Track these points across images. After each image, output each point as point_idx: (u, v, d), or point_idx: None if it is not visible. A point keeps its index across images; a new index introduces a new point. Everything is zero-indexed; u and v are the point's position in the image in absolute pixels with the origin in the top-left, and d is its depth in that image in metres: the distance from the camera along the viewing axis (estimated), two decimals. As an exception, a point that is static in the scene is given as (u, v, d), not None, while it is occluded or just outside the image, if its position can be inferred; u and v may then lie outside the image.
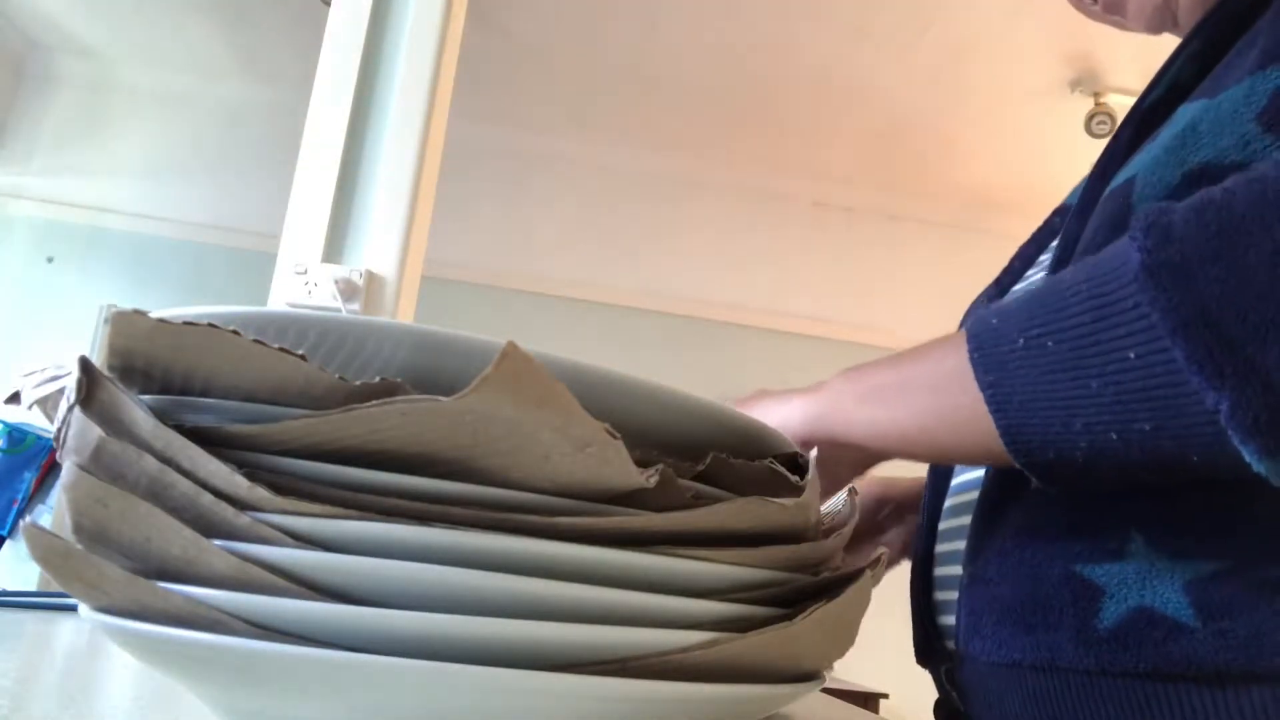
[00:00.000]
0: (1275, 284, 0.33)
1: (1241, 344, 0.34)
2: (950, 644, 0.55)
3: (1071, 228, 0.53)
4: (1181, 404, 0.35)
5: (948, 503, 0.58)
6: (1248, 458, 0.35)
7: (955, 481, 0.59)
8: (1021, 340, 0.39)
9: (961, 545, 0.54)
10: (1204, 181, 0.43)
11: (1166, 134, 0.47)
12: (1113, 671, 0.43)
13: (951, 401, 0.43)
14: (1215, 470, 0.37)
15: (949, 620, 0.55)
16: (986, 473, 0.52)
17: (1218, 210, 0.35)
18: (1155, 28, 0.61)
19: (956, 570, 0.54)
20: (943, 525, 0.58)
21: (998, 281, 0.65)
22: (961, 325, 0.65)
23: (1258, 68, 0.44)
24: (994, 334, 0.41)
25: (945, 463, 0.58)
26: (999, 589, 0.48)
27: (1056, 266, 0.52)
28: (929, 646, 0.58)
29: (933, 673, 0.58)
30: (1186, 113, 0.47)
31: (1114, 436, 0.38)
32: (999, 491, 0.51)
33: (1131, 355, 0.36)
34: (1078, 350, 0.37)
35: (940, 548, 0.58)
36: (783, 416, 0.49)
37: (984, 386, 0.41)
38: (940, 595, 0.57)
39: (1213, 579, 0.42)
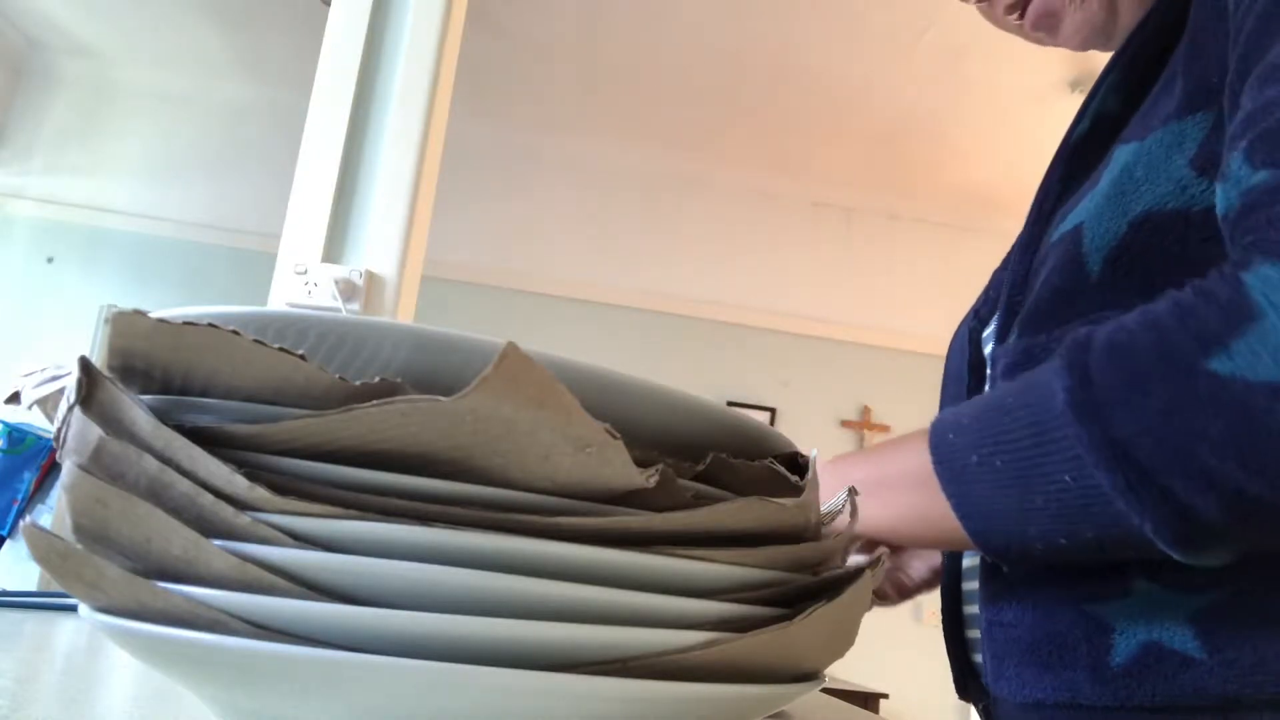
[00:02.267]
0: (1170, 427, 0.37)
1: (1153, 475, 0.38)
2: (984, 681, 0.56)
3: (1016, 268, 0.54)
4: (1115, 518, 0.40)
5: None
6: (1178, 558, 0.40)
7: None
8: (975, 458, 0.44)
9: (975, 586, 0.56)
10: (1148, 229, 0.46)
11: (1105, 179, 0.49)
12: (1129, 706, 0.45)
13: (925, 502, 0.47)
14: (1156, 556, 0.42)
15: (980, 658, 0.56)
16: None
17: (1123, 357, 0.39)
18: (1086, 47, 0.62)
19: (977, 609, 0.56)
20: (966, 563, 0.59)
21: (975, 311, 0.65)
22: (949, 360, 0.67)
23: (1185, 112, 0.47)
24: (950, 448, 0.45)
25: (929, 549, 0.62)
26: (1016, 631, 0.51)
27: (1006, 314, 0.54)
28: (966, 683, 0.59)
29: (975, 707, 0.60)
30: (1121, 156, 0.49)
31: (1063, 541, 0.42)
32: None
33: (1067, 479, 0.40)
34: (1022, 471, 0.42)
35: (966, 585, 0.59)
36: None
37: (948, 495, 0.45)
38: (970, 633, 0.58)
39: (1215, 610, 0.44)
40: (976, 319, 0.64)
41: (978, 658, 0.57)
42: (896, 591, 0.70)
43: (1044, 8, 0.59)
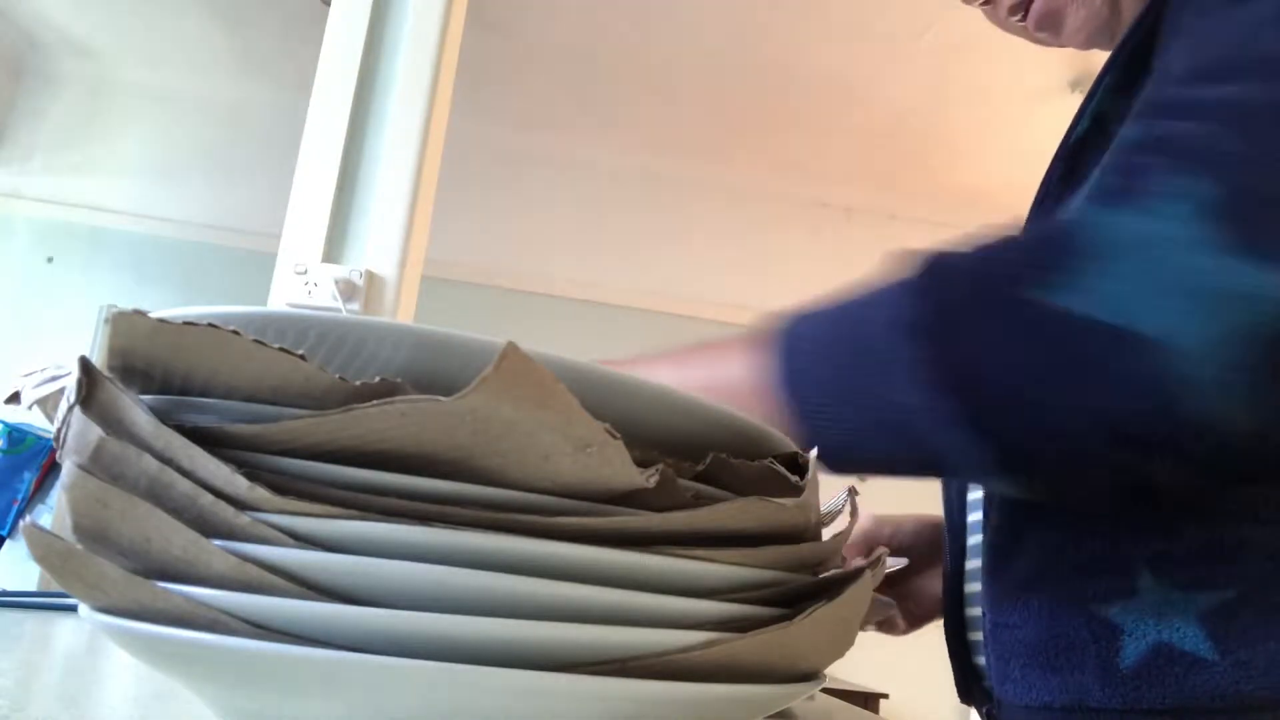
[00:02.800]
0: (993, 353, 0.39)
1: (971, 397, 0.39)
2: (988, 685, 0.56)
3: None
4: (937, 438, 0.40)
5: (969, 541, 0.59)
6: (989, 484, 0.42)
7: (971, 519, 0.59)
8: (806, 361, 0.44)
9: (978, 588, 0.55)
10: None
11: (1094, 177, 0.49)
12: (1139, 709, 0.44)
13: (760, 410, 0.46)
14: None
15: (983, 661, 0.56)
16: (987, 521, 0.54)
17: (956, 286, 0.41)
18: (1090, 46, 0.61)
19: (980, 612, 0.55)
20: (969, 565, 0.59)
21: None
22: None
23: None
24: (781, 337, 0.45)
25: None
26: (1021, 633, 0.50)
27: None
28: (969, 686, 0.59)
29: (978, 711, 0.60)
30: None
31: (885, 455, 0.43)
32: (1004, 540, 0.52)
33: (895, 397, 0.41)
34: (853, 385, 0.42)
35: (968, 588, 0.59)
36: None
37: (785, 398, 0.44)
38: (973, 636, 0.58)
39: (1225, 609, 0.43)
40: None
41: (980, 660, 0.56)
42: (907, 622, 0.69)
43: (1046, 7, 0.59)
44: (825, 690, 1.16)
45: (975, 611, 0.57)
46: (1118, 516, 0.47)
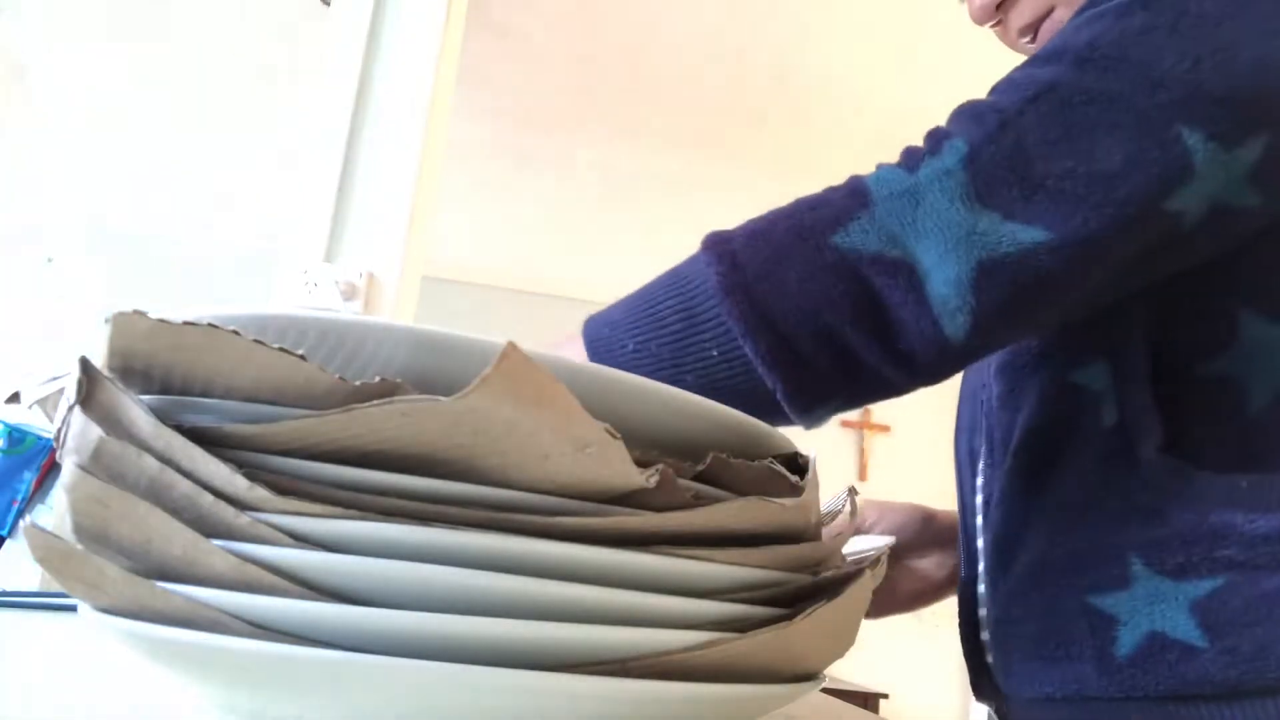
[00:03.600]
0: (804, 294, 0.44)
1: (788, 338, 0.44)
2: (996, 681, 0.57)
3: None
4: (753, 383, 0.46)
5: (979, 542, 0.60)
6: (796, 419, 0.47)
7: (976, 521, 0.60)
8: (631, 345, 0.47)
9: None
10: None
11: None
12: (1135, 696, 0.46)
13: None
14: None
15: (991, 659, 0.57)
16: (987, 521, 0.55)
17: (764, 240, 0.46)
18: None
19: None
20: (982, 566, 0.60)
21: None
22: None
23: None
24: (607, 341, 0.48)
25: None
26: (1023, 627, 0.51)
27: None
28: (981, 684, 0.60)
29: (991, 708, 0.61)
30: None
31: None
32: (1005, 537, 0.53)
33: (715, 352, 0.46)
34: (676, 351, 0.46)
35: (981, 588, 0.59)
36: None
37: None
38: (985, 634, 0.59)
39: (1215, 598, 0.44)
40: None
41: (990, 658, 0.57)
42: (875, 608, 0.70)
43: (1055, 29, 0.60)
44: (825, 690, 1.16)
45: (985, 610, 0.58)
46: (1106, 506, 0.48)
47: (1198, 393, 0.48)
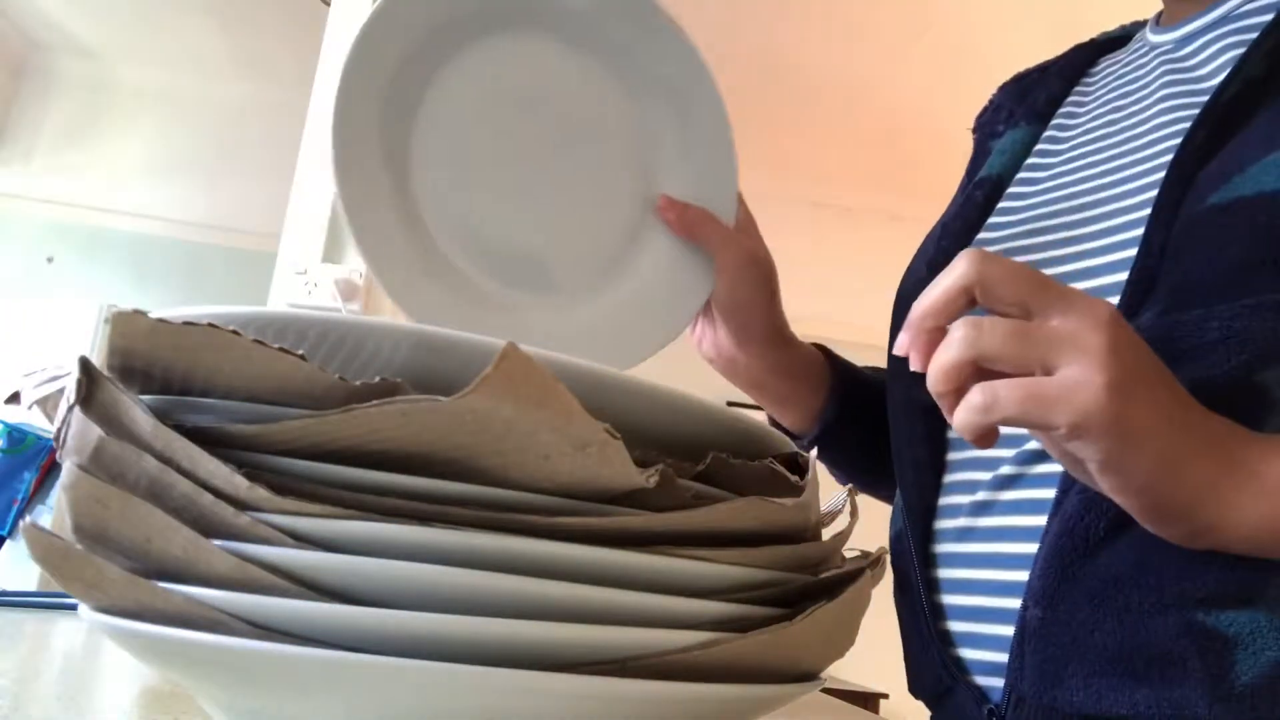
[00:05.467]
0: None
1: None
2: (984, 681, 0.51)
3: (1153, 233, 0.48)
4: None
5: (953, 523, 0.55)
6: None
7: (944, 502, 0.56)
8: None
9: (988, 574, 0.51)
10: None
11: None
12: None
13: None
14: None
15: (981, 655, 0.51)
16: (1059, 506, 0.48)
17: None
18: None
19: (984, 601, 0.51)
20: (946, 548, 0.55)
21: (930, 265, 0.62)
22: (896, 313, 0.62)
23: None
24: None
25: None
26: (1093, 637, 0.45)
27: (1141, 274, 0.48)
28: (942, 680, 0.53)
29: (951, 711, 0.54)
30: None
31: None
32: (1086, 529, 0.46)
33: None
34: None
35: (947, 573, 0.54)
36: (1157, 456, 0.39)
37: None
38: (960, 626, 0.53)
39: None
40: (931, 272, 0.60)
41: (965, 653, 0.52)
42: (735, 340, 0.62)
43: None
44: (825, 690, 1.16)
45: (959, 600, 0.53)
46: None
47: None
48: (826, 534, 0.31)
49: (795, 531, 0.28)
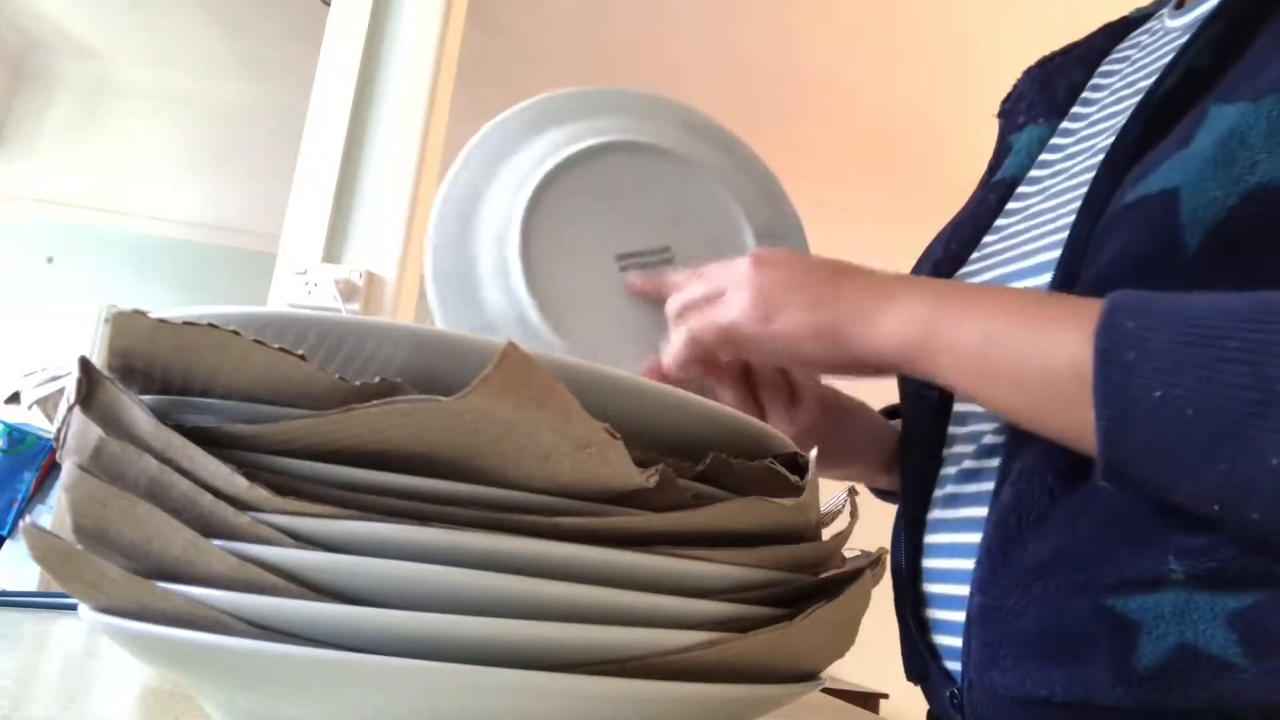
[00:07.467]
0: None
1: None
2: (950, 665, 0.53)
3: (1080, 224, 0.49)
4: None
5: (935, 514, 0.56)
6: None
7: (940, 494, 0.57)
8: (1160, 393, 0.37)
9: (958, 564, 0.52)
10: (1263, 203, 0.42)
11: (1204, 141, 0.45)
12: (1154, 710, 0.42)
13: (1055, 399, 0.42)
14: None
15: (949, 641, 0.53)
16: (997, 498, 0.50)
17: None
18: None
19: (955, 590, 0.52)
20: (930, 539, 0.56)
21: (936, 267, 0.62)
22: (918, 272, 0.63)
23: None
24: (1127, 371, 0.38)
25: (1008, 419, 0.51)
26: (1020, 622, 0.47)
27: (1064, 270, 0.49)
28: (923, 665, 0.56)
29: (930, 693, 0.57)
30: (1224, 116, 0.44)
31: (1215, 508, 0.38)
32: (1017, 519, 0.48)
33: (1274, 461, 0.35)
34: (1224, 427, 0.36)
35: (930, 563, 0.56)
36: (887, 323, 0.47)
37: (1099, 416, 0.39)
38: (937, 614, 0.55)
39: (1257, 612, 0.41)
40: (936, 274, 0.60)
41: (947, 640, 0.53)
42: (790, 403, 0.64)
43: None
44: (825, 690, 1.16)
45: (940, 589, 0.55)
46: (1148, 503, 0.43)
47: None
48: (826, 534, 0.31)
49: (795, 532, 0.28)
